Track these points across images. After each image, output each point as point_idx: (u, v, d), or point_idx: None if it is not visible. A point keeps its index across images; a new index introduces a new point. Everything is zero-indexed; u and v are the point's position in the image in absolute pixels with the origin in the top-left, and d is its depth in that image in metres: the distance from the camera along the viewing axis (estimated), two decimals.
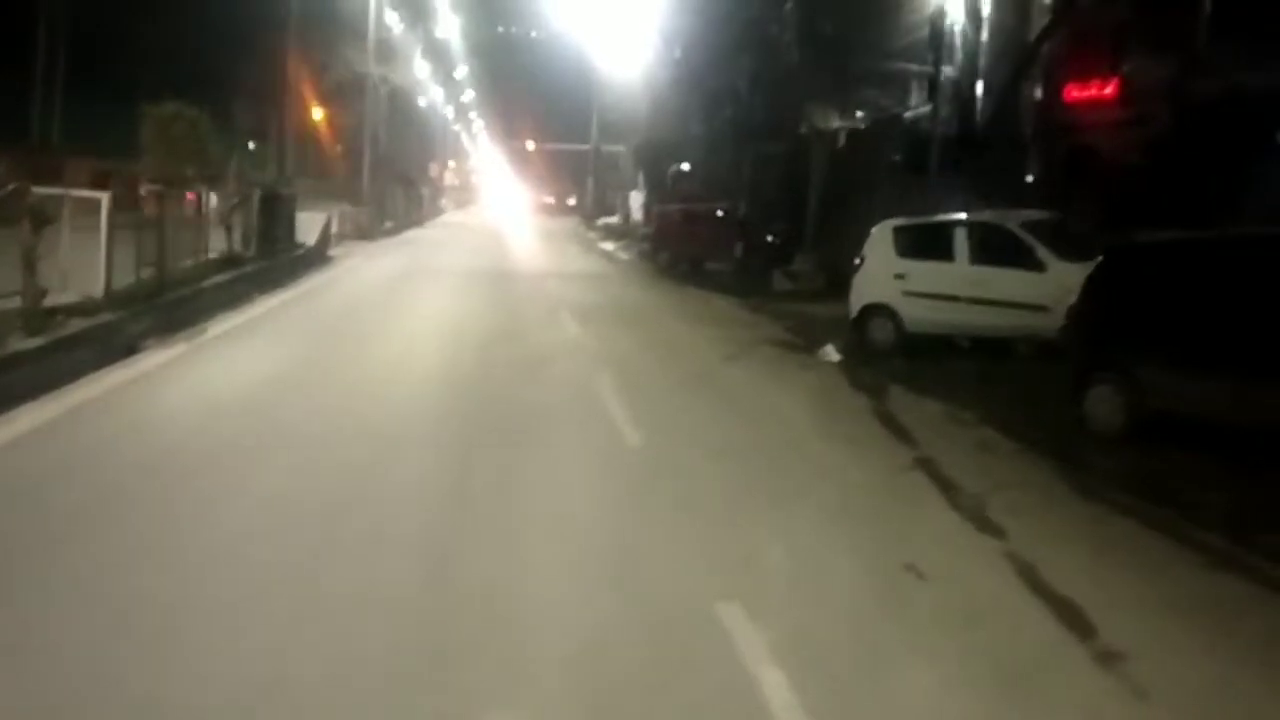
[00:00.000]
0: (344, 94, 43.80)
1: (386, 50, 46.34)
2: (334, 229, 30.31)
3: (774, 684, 4.33)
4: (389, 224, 39.15)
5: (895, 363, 13.45)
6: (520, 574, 5.52)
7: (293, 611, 4.81)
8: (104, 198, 11.49)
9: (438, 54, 67.41)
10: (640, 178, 54.67)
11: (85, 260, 11.59)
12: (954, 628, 5.09)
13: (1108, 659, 4.80)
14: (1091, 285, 10.18)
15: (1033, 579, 5.79)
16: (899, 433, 9.53)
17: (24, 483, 6.48)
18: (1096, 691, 4.53)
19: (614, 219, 53.38)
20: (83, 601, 4.75)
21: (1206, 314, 8.97)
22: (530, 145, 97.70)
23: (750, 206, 29.63)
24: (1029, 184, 26.97)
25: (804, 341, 15.45)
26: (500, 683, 4.27)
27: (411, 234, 40.37)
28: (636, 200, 49.78)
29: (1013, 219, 14.10)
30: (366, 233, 33.57)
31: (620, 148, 62.79)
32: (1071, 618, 5.27)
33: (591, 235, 50.19)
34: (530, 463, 7.77)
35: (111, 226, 11.52)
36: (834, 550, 6.11)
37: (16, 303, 10.03)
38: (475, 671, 4.35)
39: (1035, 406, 10.44)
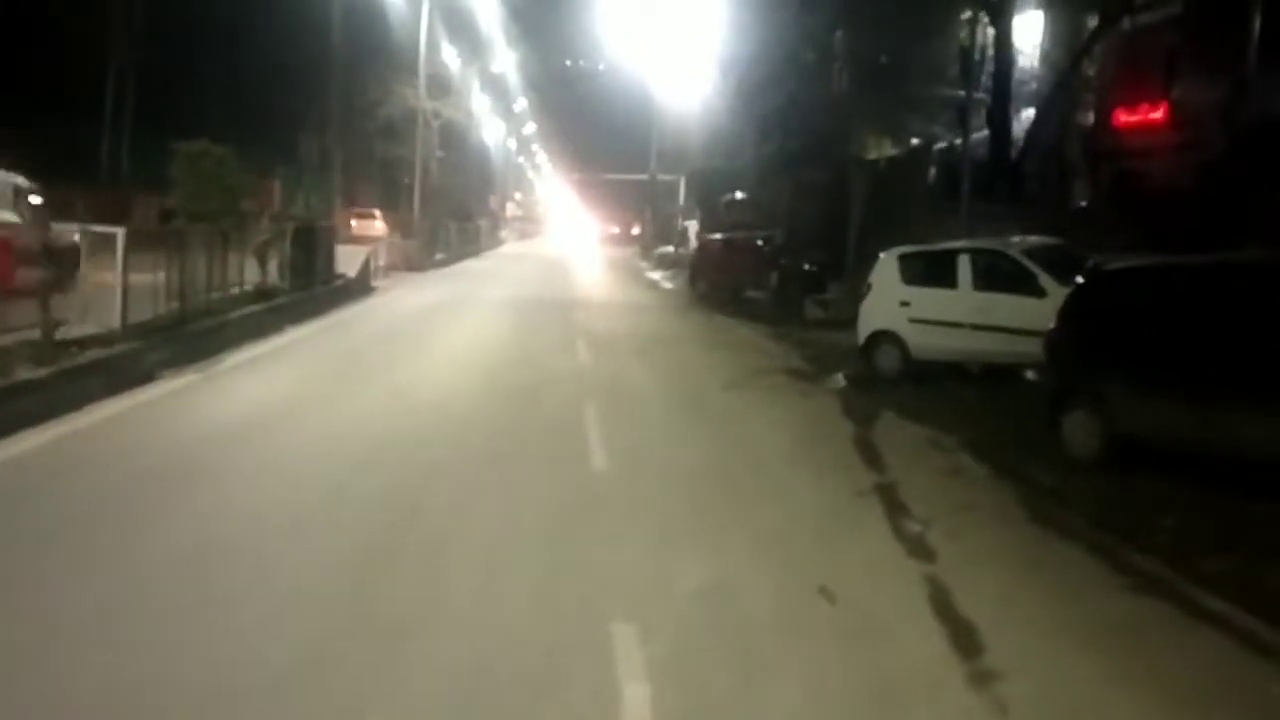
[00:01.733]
0: (398, 128, 44.76)
1: (440, 85, 47.36)
2: (382, 261, 31.04)
3: (636, 698, 4.54)
4: (440, 256, 39.81)
5: (898, 389, 13.57)
6: (437, 584, 5.80)
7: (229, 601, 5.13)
8: (119, 233, 12.03)
9: (498, 88, 68.62)
10: (693, 206, 55.19)
11: (110, 293, 12.13)
12: (840, 646, 5.26)
13: (983, 678, 4.95)
14: (1067, 309, 10.28)
15: (942, 601, 5.94)
16: (871, 458, 9.68)
17: None
18: (957, 708, 4.68)
19: (669, 248, 53.75)
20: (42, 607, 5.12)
21: (1172, 338, 9.03)
22: (592, 175, 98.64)
23: (790, 235, 29.78)
24: (1077, 210, 26.89)
25: (815, 369, 15.59)
26: (373, 684, 4.53)
27: (463, 265, 41.02)
28: (693, 229, 50.11)
29: (1016, 245, 14.17)
30: (416, 264, 34.20)
31: (678, 176, 63.35)
32: (965, 638, 5.41)
33: (643, 264, 50.60)
34: (489, 486, 8.06)
35: (126, 259, 12.00)
36: (754, 573, 6.30)
37: (35, 334, 10.56)
38: (346, 677, 4.60)
39: (1021, 432, 10.52)
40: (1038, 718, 4.67)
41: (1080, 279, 10.25)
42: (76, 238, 12.58)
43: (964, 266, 14.04)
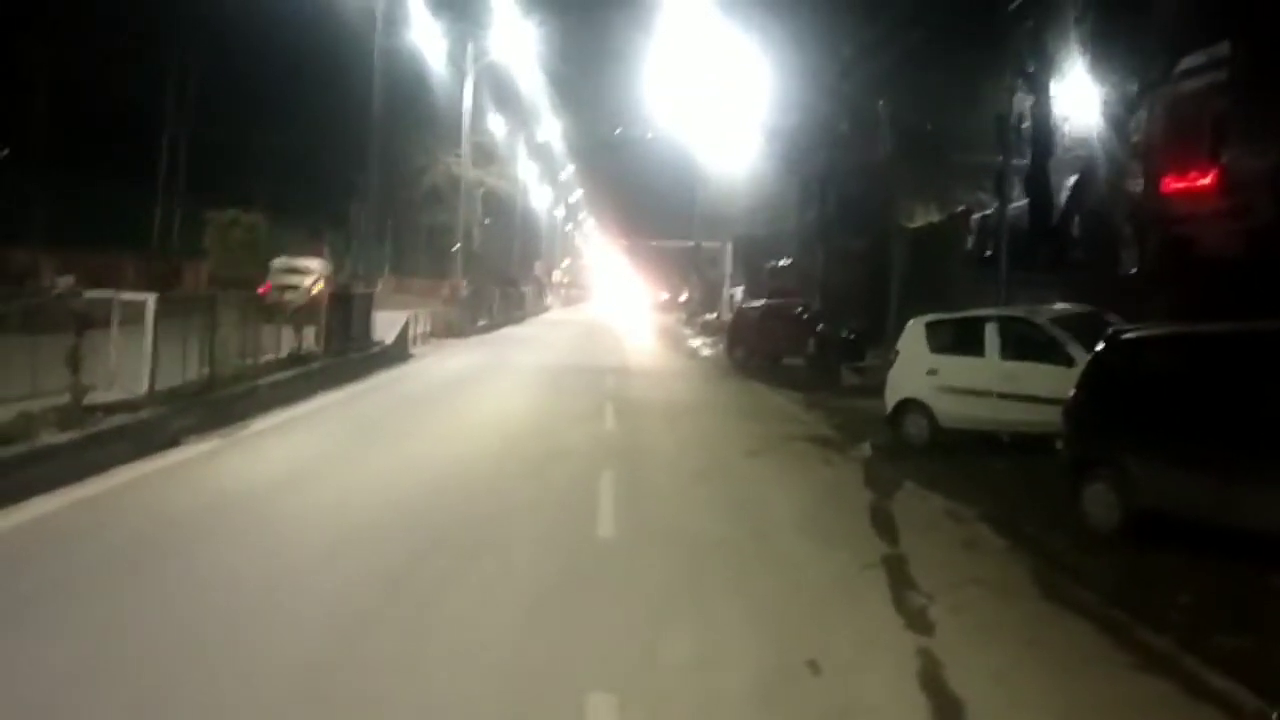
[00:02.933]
0: (443, 196, 45.51)
1: (485, 153, 48.13)
2: (425, 327, 31.37)
3: None
4: (483, 322, 40.17)
5: (924, 459, 13.40)
6: (413, 655, 5.77)
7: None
8: (150, 300, 12.25)
9: (544, 156, 69.56)
10: (739, 273, 55.37)
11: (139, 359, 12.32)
12: None
13: None
14: (1086, 378, 10.13)
15: (932, 677, 5.80)
16: (884, 529, 9.52)
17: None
18: None
19: (713, 315, 53.84)
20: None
21: (1193, 409, 8.86)
22: (640, 242, 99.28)
23: (828, 301, 29.74)
24: (1123, 277, 26.62)
25: (843, 437, 15.44)
26: None
27: (505, 332, 41.35)
28: (738, 295, 50.20)
29: (1044, 313, 14.03)
30: (457, 331, 34.53)
31: (723, 243, 63.58)
32: (950, 715, 5.28)
33: (686, 331, 50.68)
34: (487, 554, 8.02)
35: (156, 325, 12.19)
36: (744, 645, 6.20)
37: (62, 399, 10.73)
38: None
39: (1044, 504, 10.33)
40: None
41: (1099, 347, 10.11)
42: None
43: (991, 334, 13.90)
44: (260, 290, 15.91)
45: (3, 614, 6.14)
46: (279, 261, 23.17)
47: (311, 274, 24.97)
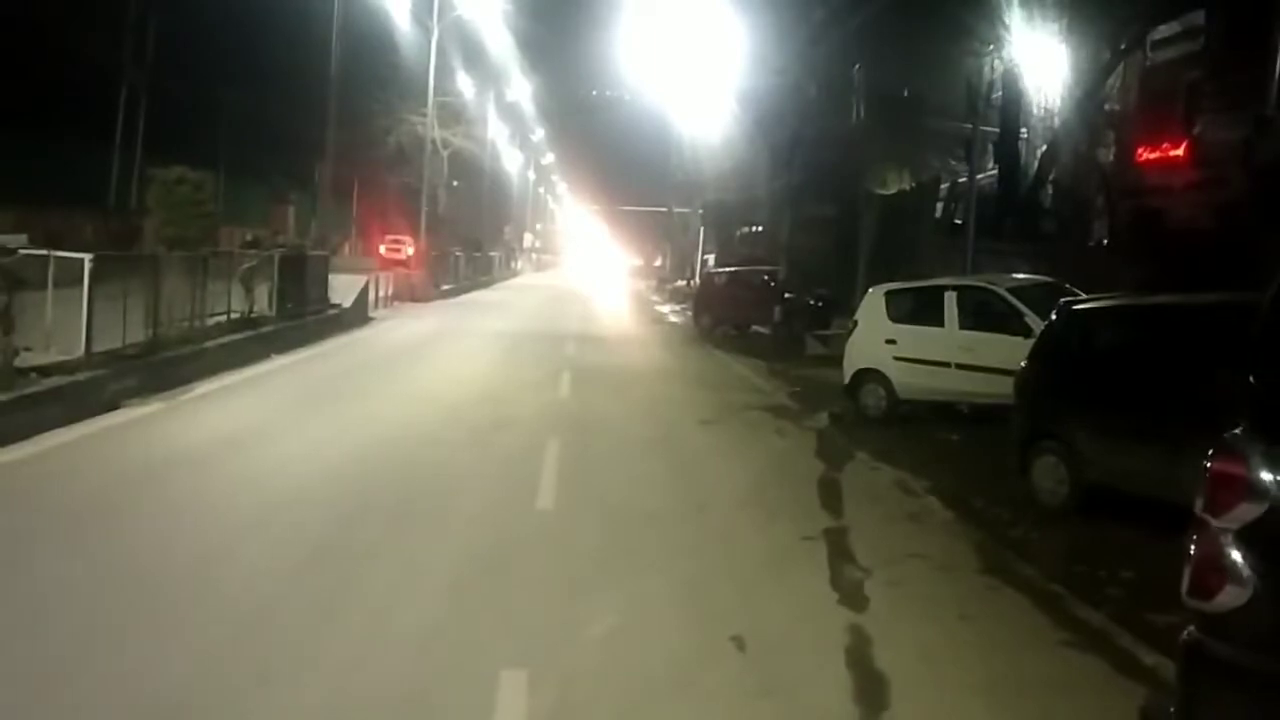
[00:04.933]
0: (409, 156, 44.92)
1: (451, 113, 47.50)
2: (386, 290, 30.99)
3: None
4: (447, 286, 39.73)
5: (881, 430, 13.29)
6: (326, 626, 5.61)
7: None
8: (85, 259, 11.91)
9: (516, 117, 68.85)
10: (710, 240, 55.07)
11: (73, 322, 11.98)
12: (735, 701, 4.99)
13: None
14: (1037, 349, 9.99)
15: (859, 654, 5.66)
16: (829, 501, 9.39)
17: None
18: None
19: (683, 282, 53.61)
20: None
21: (1142, 382, 8.71)
22: (613, 207, 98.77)
23: (794, 270, 29.56)
24: (1093, 246, 26.55)
25: (800, 407, 15.32)
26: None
27: (470, 296, 40.94)
28: (710, 262, 49.94)
29: (1004, 282, 13.88)
30: (420, 294, 34.11)
31: (693, 209, 63.22)
32: (871, 694, 5.14)
33: (656, 298, 50.47)
34: (418, 525, 7.83)
35: (92, 286, 11.84)
36: (669, 621, 6.04)
37: None
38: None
39: (996, 477, 10.21)
40: None
41: (1051, 318, 9.96)
42: None
43: (950, 304, 13.74)
44: None
45: None
46: None
47: None
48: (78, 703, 4.57)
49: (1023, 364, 10.12)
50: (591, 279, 71.29)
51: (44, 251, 11.86)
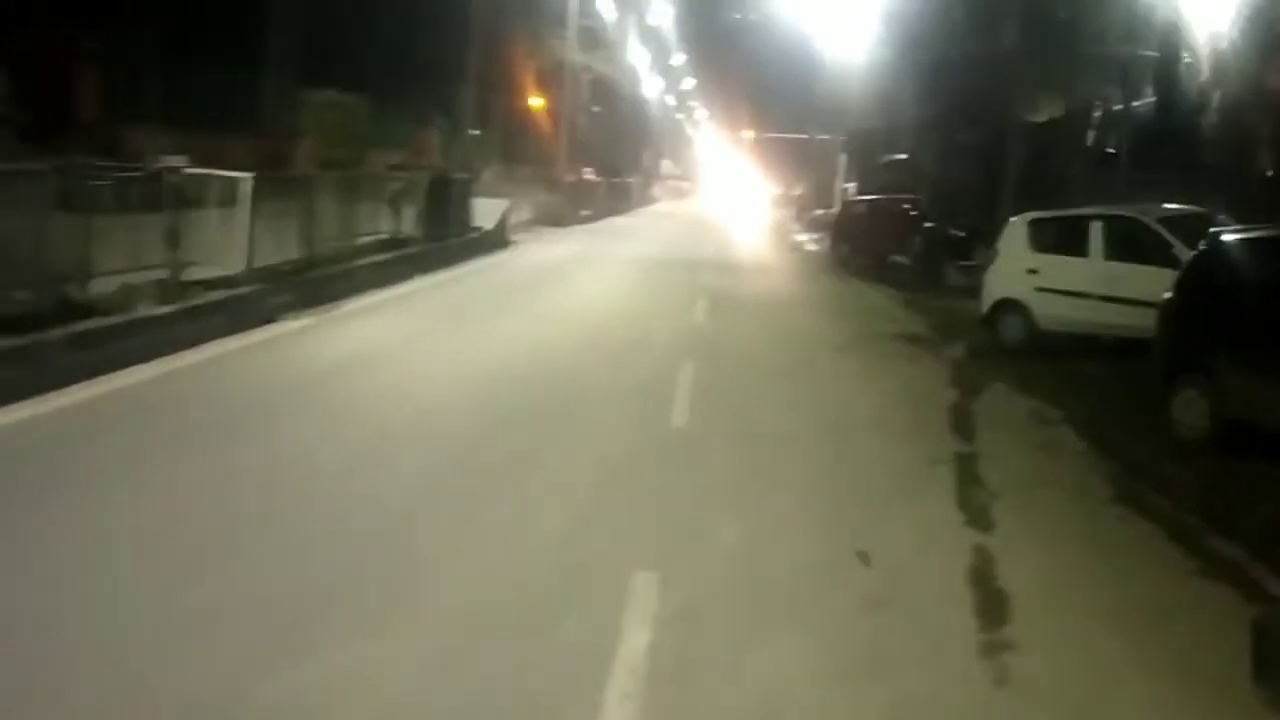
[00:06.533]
0: (550, 82, 45.22)
1: (592, 38, 47.54)
2: (525, 215, 31.53)
3: (633, 647, 4.55)
4: (586, 211, 40.13)
5: (1019, 361, 13.11)
6: (477, 525, 5.93)
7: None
8: (246, 179, 12.50)
9: (656, 42, 68.40)
10: (852, 167, 54.08)
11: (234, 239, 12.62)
12: (856, 611, 5.16)
13: (993, 649, 4.80)
14: (1182, 281, 9.73)
15: (983, 573, 5.76)
16: (961, 427, 9.39)
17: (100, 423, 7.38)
18: (952, 675, 4.54)
19: (823, 211, 52.87)
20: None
21: None
22: (752, 134, 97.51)
23: (936, 199, 28.94)
24: (1260, 179, 25.30)
25: (936, 337, 15.19)
26: (388, 605, 4.66)
27: (607, 222, 41.28)
28: (851, 191, 49.14)
29: (1152, 212, 13.45)
30: (559, 220, 34.59)
31: (835, 137, 62.04)
32: (993, 610, 5.25)
33: (794, 227, 49.98)
34: (555, 437, 8.14)
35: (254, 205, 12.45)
36: (796, 534, 6.22)
37: (161, 275, 11.09)
38: (359, 604, 4.75)
39: (1135, 411, 10.04)
40: (1033, 692, 4.47)
41: (1199, 248, 9.68)
42: None
43: (1096, 234, 13.38)
44: None
45: (107, 469, 6.49)
46: None
47: None
48: (234, 578, 4.99)
49: (1167, 295, 9.88)
50: (729, 207, 70.88)
51: (206, 171, 12.47)
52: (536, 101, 45.71)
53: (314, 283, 13.83)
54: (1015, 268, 14.33)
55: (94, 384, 8.47)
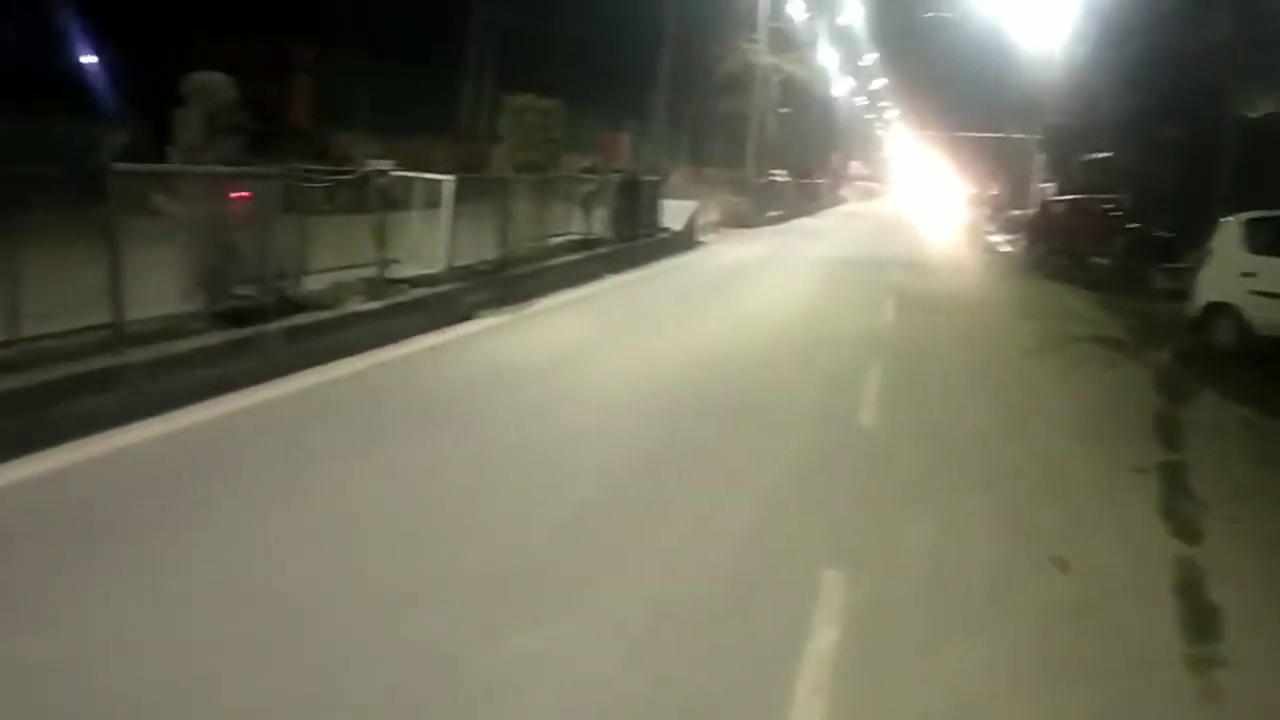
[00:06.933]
0: (739, 85, 45.28)
1: (783, 40, 47.32)
2: (713, 216, 31.68)
3: (821, 643, 4.56)
4: (774, 213, 39.99)
5: (1230, 367, 12.46)
6: (672, 520, 6.02)
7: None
8: (449, 181, 12.99)
9: (846, 42, 67.57)
10: (1050, 166, 52.13)
11: (435, 239, 13.15)
12: (1053, 616, 5.03)
13: (1204, 664, 4.62)
14: None
15: (1191, 583, 5.53)
16: (1166, 434, 8.98)
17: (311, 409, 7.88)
18: (1162, 689, 4.38)
19: (1018, 211, 51.18)
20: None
21: None
22: (946, 133, 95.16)
23: (1140, 199, 27.65)
24: None
25: (1139, 341, 14.54)
26: (575, 596, 4.81)
27: (795, 223, 41.05)
28: (1049, 190, 47.43)
29: None
30: (746, 221, 34.58)
31: (1031, 135, 59.96)
32: (1202, 623, 5.04)
33: (988, 228, 48.56)
34: (743, 433, 8.18)
35: (454, 206, 12.94)
36: (988, 536, 6.10)
37: (368, 273, 11.67)
38: (546, 591, 4.91)
39: None
40: (1246, 712, 4.27)
41: None
42: None
43: None
44: None
45: (335, 449, 7.00)
46: None
47: None
48: (431, 560, 5.22)
49: None
50: (921, 207, 69.44)
51: (412, 174, 13.03)
52: (726, 104, 45.85)
53: (508, 281, 14.27)
54: (1229, 270, 13.64)
55: (310, 374, 9.00)
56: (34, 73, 23.03)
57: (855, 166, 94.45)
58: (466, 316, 12.56)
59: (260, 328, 9.04)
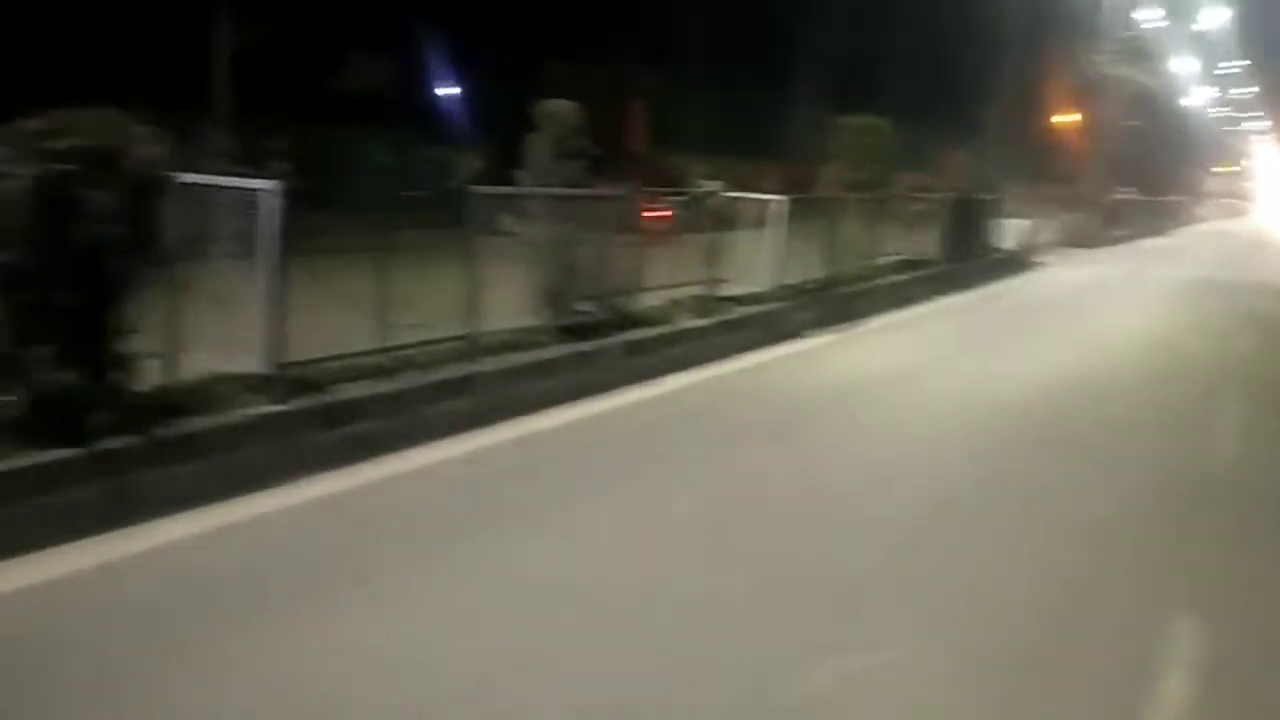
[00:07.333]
0: (1082, 98, 42.98)
1: (1133, 50, 44.49)
2: (1052, 236, 30.35)
3: (1173, 696, 4.28)
4: (1120, 232, 37.72)
5: None
6: (997, 552, 5.83)
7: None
8: (781, 202, 13.20)
9: (1205, 48, 62.60)
10: None
11: (763, 258, 13.38)
12: None
13: None
14: None
15: None
16: None
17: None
18: None
19: None
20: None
21: None
22: None
23: None
24: None
25: None
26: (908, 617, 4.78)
27: (1143, 243, 38.42)
28: None
29: None
30: (1086, 240, 32.86)
31: None
32: None
33: None
34: (1084, 469, 7.72)
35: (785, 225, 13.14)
36: None
37: (698, 290, 12.05)
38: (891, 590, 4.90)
39: None
40: None
41: None
42: None
43: None
44: None
45: (686, 453, 7.49)
46: None
47: None
48: (756, 569, 5.28)
49: None
50: None
51: (741, 195, 13.35)
52: (1067, 118, 43.72)
53: (835, 300, 14.29)
54: None
55: (649, 385, 9.55)
56: (401, 106, 25.50)
57: (1215, 182, 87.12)
58: (794, 335, 12.72)
59: (601, 341, 9.58)
